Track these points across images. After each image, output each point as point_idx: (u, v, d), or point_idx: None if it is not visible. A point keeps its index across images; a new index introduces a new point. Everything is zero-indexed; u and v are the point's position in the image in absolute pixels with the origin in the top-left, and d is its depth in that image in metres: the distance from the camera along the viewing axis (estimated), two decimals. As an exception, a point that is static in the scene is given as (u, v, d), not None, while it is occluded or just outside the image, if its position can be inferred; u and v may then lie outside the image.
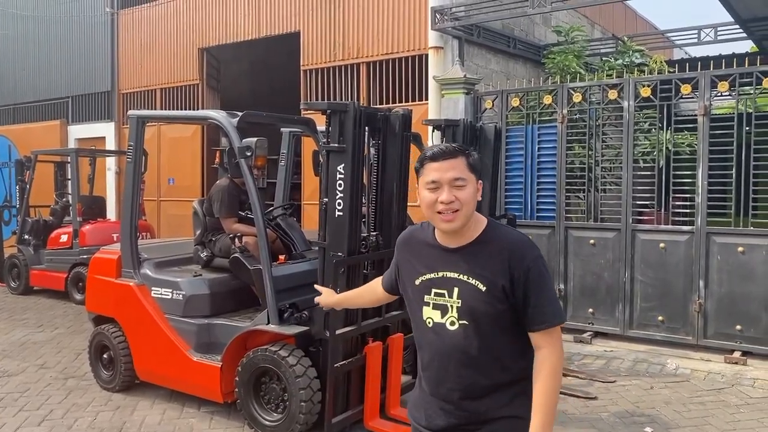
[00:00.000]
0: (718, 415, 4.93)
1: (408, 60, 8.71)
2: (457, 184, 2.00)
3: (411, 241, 2.21)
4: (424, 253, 2.13)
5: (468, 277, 2.01)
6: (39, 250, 9.84)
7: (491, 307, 1.98)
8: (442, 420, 2.07)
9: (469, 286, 2.01)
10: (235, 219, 5.30)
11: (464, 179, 2.01)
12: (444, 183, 2.00)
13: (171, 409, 5.04)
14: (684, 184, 6.57)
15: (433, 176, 2.01)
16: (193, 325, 4.93)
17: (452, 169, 2.00)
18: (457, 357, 2.02)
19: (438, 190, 2.00)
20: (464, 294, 2.01)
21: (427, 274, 2.09)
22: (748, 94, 6.14)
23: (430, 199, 2.02)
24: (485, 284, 1.99)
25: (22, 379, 5.78)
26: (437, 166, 2.01)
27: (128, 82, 12.59)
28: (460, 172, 2.01)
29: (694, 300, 6.26)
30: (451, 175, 1.99)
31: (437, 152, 2.03)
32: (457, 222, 2.01)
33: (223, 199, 5.31)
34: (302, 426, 4.27)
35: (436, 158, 2.02)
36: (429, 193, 2.02)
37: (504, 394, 2.03)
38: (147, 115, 5.77)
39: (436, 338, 2.06)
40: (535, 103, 7.26)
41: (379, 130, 4.64)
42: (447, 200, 1.98)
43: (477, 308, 1.99)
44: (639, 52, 9.86)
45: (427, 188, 2.03)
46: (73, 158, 9.74)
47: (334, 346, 4.25)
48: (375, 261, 4.64)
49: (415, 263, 2.15)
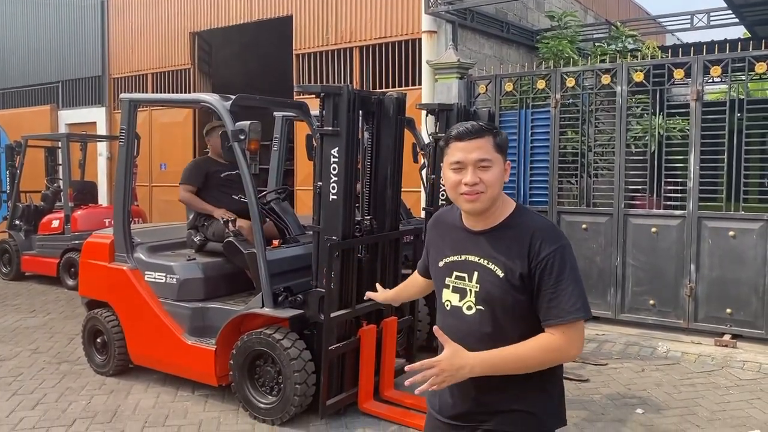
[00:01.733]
0: (708, 396, 4.99)
1: (401, 44, 8.67)
2: (482, 165, 1.92)
3: (439, 222, 2.17)
4: (450, 235, 2.08)
5: (487, 261, 1.95)
6: (30, 236, 9.79)
7: (508, 294, 1.91)
8: (454, 408, 2.02)
9: (487, 271, 1.94)
10: (189, 188, 5.34)
11: (490, 160, 1.93)
12: (468, 164, 1.92)
13: (165, 392, 5.05)
14: (676, 169, 6.60)
15: (457, 156, 1.94)
16: (187, 308, 4.93)
17: (478, 149, 1.92)
18: (472, 343, 1.91)
19: (462, 171, 1.93)
20: (482, 279, 1.95)
21: (451, 256, 2.04)
22: (740, 79, 6.16)
23: (454, 181, 1.95)
24: (503, 270, 1.92)
25: (15, 363, 5.78)
26: (462, 146, 1.93)
27: (119, 67, 12.49)
28: (486, 153, 1.93)
29: (685, 284, 6.31)
30: (476, 156, 1.92)
31: (463, 131, 1.94)
32: (480, 204, 1.94)
33: (185, 169, 5.42)
34: (297, 408, 4.29)
35: (461, 137, 1.94)
36: (453, 174, 1.95)
37: (519, 387, 1.94)
38: (139, 99, 5.72)
39: (454, 322, 1.99)
40: (529, 88, 7.26)
41: (373, 113, 4.63)
42: (471, 182, 1.91)
43: (493, 294, 1.93)
44: (632, 37, 9.87)
45: (451, 169, 1.96)
46: (64, 143, 9.65)
47: (328, 329, 4.27)
48: (369, 245, 4.65)
49: (441, 245, 2.10)
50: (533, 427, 1.98)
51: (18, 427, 4.41)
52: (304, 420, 4.44)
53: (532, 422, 1.97)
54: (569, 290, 1.87)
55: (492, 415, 1.97)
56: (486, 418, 1.98)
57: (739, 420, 4.54)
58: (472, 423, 2.00)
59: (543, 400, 1.99)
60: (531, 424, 1.97)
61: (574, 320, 1.86)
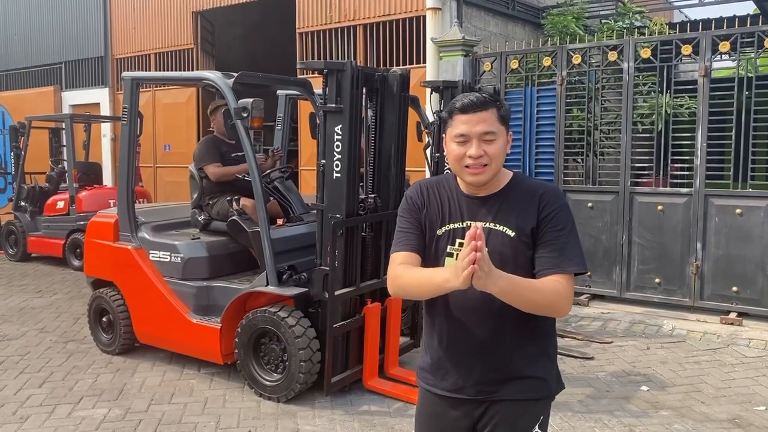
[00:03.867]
0: (714, 374, 4.99)
1: (405, 22, 8.58)
2: (486, 138, 1.91)
3: (431, 190, 2.07)
4: (449, 203, 2.03)
5: (496, 224, 1.95)
6: (36, 217, 9.82)
7: (520, 253, 1.93)
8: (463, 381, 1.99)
9: (496, 233, 1.94)
10: (216, 164, 5.31)
11: (494, 132, 1.91)
12: (473, 137, 1.90)
13: (171, 371, 5.08)
14: (683, 146, 6.54)
15: (461, 129, 1.91)
16: (192, 287, 4.94)
17: (482, 122, 1.90)
18: (480, 306, 1.92)
19: (466, 144, 1.91)
20: (492, 241, 1.92)
21: (451, 224, 2.00)
22: (749, 55, 6.07)
23: (458, 153, 1.93)
24: (513, 229, 1.93)
25: (22, 342, 5.81)
26: (466, 119, 1.91)
27: (122, 47, 12.41)
28: (490, 125, 1.91)
29: (691, 262, 6.28)
30: (480, 128, 1.90)
31: (467, 103, 1.91)
32: (484, 176, 1.93)
33: (201, 150, 5.39)
34: (302, 385, 4.31)
35: (465, 110, 1.91)
36: (457, 147, 1.93)
37: (527, 352, 1.97)
38: (141, 77, 5.70)
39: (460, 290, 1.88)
40: (534, 66, 7.18)
41: (377, 90, 4.59)
42: (476, 155, 1.90)
43: (505, 254, 1.92)
44: (639, 14, 9.72)
45: (455, 141, 1.94)
46: (68, 124, 9.65)
47: (332, 306, 4.27)
48: (373, 223, 4.64)
49: (438, 213, 2.03)
50: (544, 391, 2.02)
51: (25, 405, 4.44)
52: (309, 397, 4.46)
53: (543, 387, 2.01)
54: (573, 242, 1.94)
55: (503, 384, 1.97)
56: (497, 388, 1.98)
57: (744, 397, 4.54)
58: (481, 396, 1.99)
59: (549, 365, 2.03)
60: (542, 389, 2.01)
61: (576, 271, 1.92)
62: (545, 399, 2.04)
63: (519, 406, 1.98)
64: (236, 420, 4.19)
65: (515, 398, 1.97)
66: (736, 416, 4.23)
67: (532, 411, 2.00)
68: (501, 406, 1.98)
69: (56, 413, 4.31)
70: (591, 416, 4.18)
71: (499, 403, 1.98)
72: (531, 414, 2.00)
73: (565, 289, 1.89)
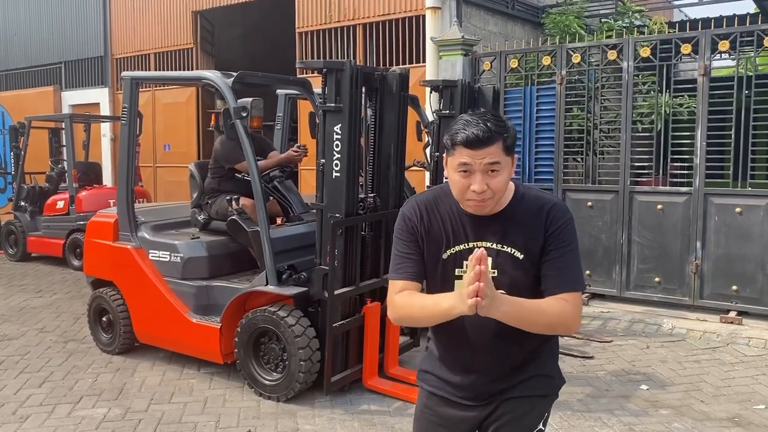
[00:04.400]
0: (713, 372, 4.99)
1: (405, 21, 8.58)
2: (492, 169, 1.81)
3: (431, 210, 1.97)
4: (451, 223, 1.94)
5: (503, 245, 1.89)
6: (35, 217, 9.81)
7: (528, 273, 1.89)
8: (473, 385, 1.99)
9: (505, 255, 1.89)
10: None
11: (499, 163, 1.81)
12: (476, 169, 1.80)
13: (171, 370, 5.08)
14: (682, 146, 6.54)
15: (464, 159, 1.81)
16: (192, 287, 4.94)
17: (487, 155, 1.79)
18: (491, 329, 1.88)
19: (469, 176, 1.82)
20: (501, 263, 1.89)
21: (457, 246, 1.92)
22: (749, 54, 6.07)
23: (462, 185, 1.83)
24: (522, 251, 1.88)
25: (22, 342, 5.81)
26: (470, 153, 1.80)
27: (121, 47, 12.41)
28: (496, 157, 1.80)
29: (691, 261, 6.28)
30: (485, 161, 1.80)
31: (472, 139, 1.78)
32: (486, 208, 1.87)
33: (228, 149, 5.17)
34: (302, 385, 4.31)
35: (470, 145, 1.79)
36: (460, 178, 1.83)
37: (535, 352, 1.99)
38: (141, 76, 5.70)
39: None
40: (534, 65, 7.18)
41: (376, 90, 4.59)
42: (479, 190, 1.81)
43: (515, 276, 1.88)
44: (639, 12, 9.72)
45: (457, 171, 1.83)
46: (68, 124, 9.65)
47: (332, 306, 4.27)
48: (373, 223, 4.64)
49: (439, 236, 1.95)
50: (552, 388, 2.06)
51: (25, 405, 4.44)
52: (308, 396, 4.46)
53: (551, 384, 2.05)
54: (576, 260, 1.92)
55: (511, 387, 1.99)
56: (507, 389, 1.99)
57: (743, 396, 4.54)
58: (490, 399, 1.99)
59: (554, 362, 2.07)
60: (550, 386, 2.05)
61: (579, 290, 1.90)
62: (551, 396, 2.06)
63: (527, 402, 1.99)
64: (236, 419, 4.19)
65: (524, 395, 1.99)
66: (735, 415, 4.23)
67: (539, 407, 2.02)
68: (510, 402, 1.99)
69: (56, 413, 4.32)
70: (591, 415, 4.18)
71: (510, 400, 1.99)
72: (538, 410, 2.02)
73: (573, 306, 1.86)
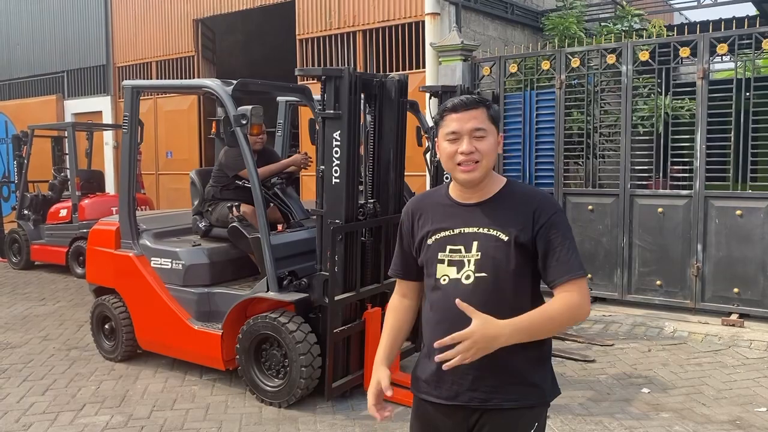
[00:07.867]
0: (715, 375, 4.99)
1: (405, 27, 8.61)
2: (477, 135, 1.96)
3: (422, 204, 2.14)
4: (439, 212, 2.07)
5: (488, 229, 1.98)
6: (39, 225, 9.86)
7: (513, 257, 1.94)
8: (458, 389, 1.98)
9: (489, 238, 1.97)
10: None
11: (484, 129, 1.97)
12: (464, 134, 1.97)
13: (173, 377, 5.09)
14: (683, 149, 6.55)
15: (453, 127, 1.98)
16: (193, 294, 4.96)
17: (473, 119, 1.97)
18: None
19: (458, 141, 1.97)
20: (484, 246, 1.96)
21: (442, 232, 2.04)
22: (748, 57, 6.08)
23: (450, 151, 1.98)
24: (506, 234, 1.95)
25: (25, 350, 5.84)
26: (457, 117, 1.97)
27: (123, 55, 12.47)
28: (481, 123, 1.97)
29: (692, 264, 6.28)
30: (471, 125, 1.96)
31: (458, 103, 1.99)
32: (476, 173, 1.98)
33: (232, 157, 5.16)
34: (303, 391, 4.32)
35: (456, 109, 1.98)
36: (449, 145, 1.99)
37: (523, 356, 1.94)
38: (142, 85, 5.74)
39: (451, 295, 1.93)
40: (533, 69, 7.20)
41: (375, 96, 4.62)
42: (467, 150, 1.95)
43: (498, 258, 1.94)
44: (638, 16, 9.75)
45: (446, 139, 2.00)
46: (70, 132, 9.69)
47: (333, 311, 4.28)
48: (373, 228, 4.65)
49: (427, 224, 2.08)
50: (539, 398, 2.01)
51: (28, 412, 4.46)
52: (310, 402, 4.47)
53: (537, 394, 2.00)
54: (573, 248, 1.96)
55: (497, 390, 1.96)
56: (491, 396, 1.96)
57: (745, 398, 4.54)
58: (474, 403, 1.98)
59: (544, 372, 2.03)
60: (535, 396, 2.00)
61: (583, 275, 1.95)
62: (539, 406, 2.02)
63: (513, 413, 1.97)
64: (238, 426, 4.20)
65: (510, 407, 1.96)
66: (737, 418, 4.23)
67: (526, 418, 1.99)
68: (495, 414, 1.97)
69: (59, 420, 4.33)
70: (592, 419, 4.19)
71: (493, 411, 1.97)
72: (526, 421, 1.99)
73: (579, 295, 1.92)
